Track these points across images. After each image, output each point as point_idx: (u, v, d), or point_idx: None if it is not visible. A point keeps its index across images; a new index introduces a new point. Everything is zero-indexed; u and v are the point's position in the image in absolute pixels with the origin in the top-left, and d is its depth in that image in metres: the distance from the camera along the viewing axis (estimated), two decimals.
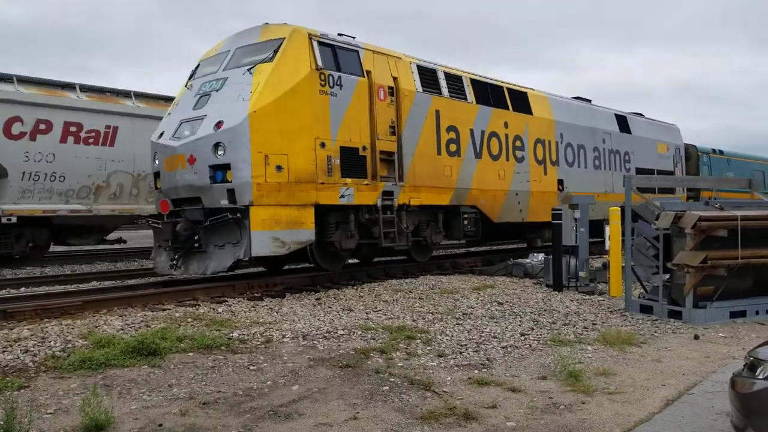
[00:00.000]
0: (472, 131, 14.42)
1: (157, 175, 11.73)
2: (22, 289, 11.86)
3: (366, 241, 12.54)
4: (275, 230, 10.46)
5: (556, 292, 11.54)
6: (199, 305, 9.69)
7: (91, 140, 16.61)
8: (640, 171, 19.99)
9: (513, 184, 15.47)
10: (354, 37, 12.53)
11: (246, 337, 7.52)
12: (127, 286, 11.81)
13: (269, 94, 10.59)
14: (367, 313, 9.31)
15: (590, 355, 7.19)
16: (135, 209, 17.86)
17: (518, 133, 15.76)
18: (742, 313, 9.33)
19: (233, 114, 10.42)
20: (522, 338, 7.92)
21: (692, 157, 24.24)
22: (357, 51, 12.29)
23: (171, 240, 11.07)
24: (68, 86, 16.85)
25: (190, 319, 8.49)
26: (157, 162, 11.62)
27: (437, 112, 13.53)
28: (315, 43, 11.42)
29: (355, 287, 11.86)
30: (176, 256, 11.06)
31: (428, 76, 13.71)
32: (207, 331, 7.76)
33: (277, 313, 9.24)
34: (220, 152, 10.43)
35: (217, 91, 11.12)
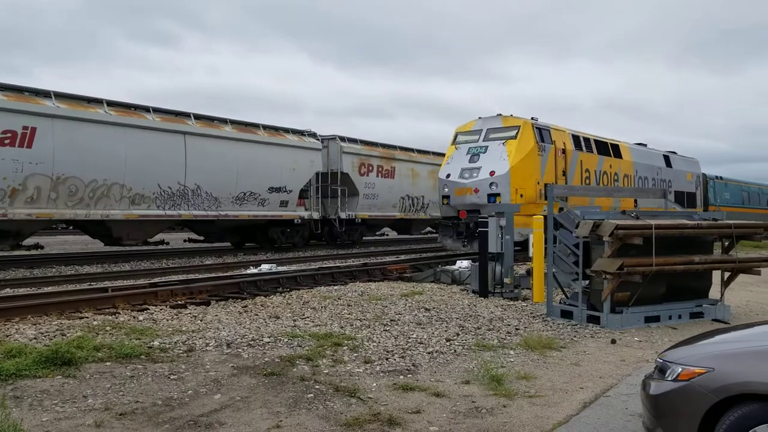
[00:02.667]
0: (595, 171, 22.80)
1: (445, 197, 20.05)
2: None
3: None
4: (519, 228, 15.44)
5: (482, 298, 11.76)
6: (119, 313, 9.40)
7: (6, 141, 15.83)
8: (677, 193, 27.96)
9: (613, 203, 22.10)
10: (537, 118, 20.61)
11: (167, 346, 7.33)
12: (43, 294, 11.32)
13: (517, 157, 19.15)
14: (294, 321, 9.24)
15: (512, 360, 7.35)
16: (54, 214, 17.11)
17: (616, 171, 24.05)
18: (656, 318, 9.74)
19: (500, 167, 19.03)
20: (447, 344, 8.02)
21: (703, 182, 31.95)
22: (549, 130, 20.72)
23: (464, 231, 18.91)
24: None
25: (108, 328, 8.22)
26: (446, 190, 20.01)
27: (581, 161, 22.00)
28: (535, 128, 20.00)
29: (283, 294, 11.75)
30: (465, 241, 18.81)
31: (576, 140, 22.09)
32: (126, 339, 7.53)
33: (201, 321, 9.05)
34: (493, 187, 18.86)
35: (483, 153, 19.74)
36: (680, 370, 4.18)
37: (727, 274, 10.59)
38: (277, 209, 23.45)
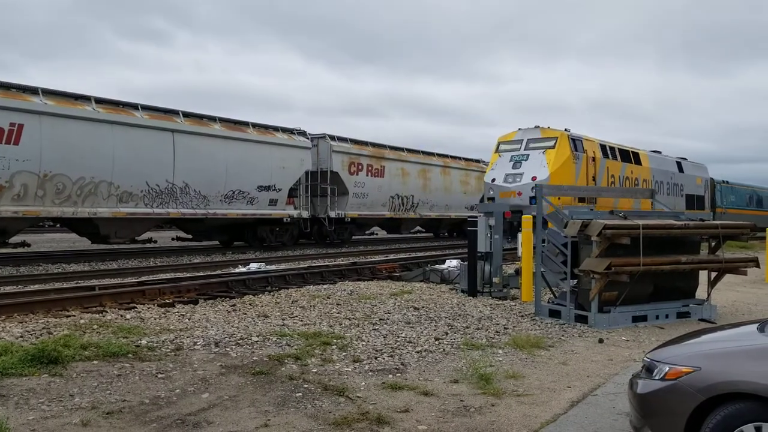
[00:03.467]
0: (619, 177, 25.68)
1: (490, 198, 22.10)
2: None
3: None
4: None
5: (471, 298, 11.78)
6: (107, 312, 9.35)
7: None
8: (688, 196, 31.49)
9: (634, 204, 24.55)
10: (569, 129, 23.29)
11: (155, 345, 7.30)
12: (29, 292, 11.24)
13: (555, 164, 21.87)
14: (283, 320, 9.22)
15: (501, 359, 7.37)
16: (41, 211, 16.99)
17: (636, 176, 27.02)
18: (644, 318, 9.79)
19: (541, 173, 21.58)
20: (436, 343, 8.03)
21: (711, 186, 35.15)
22: (581, 140, 23.51)
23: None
24: None
25: (96, 326, 8.17)
26: (492, 192, 22.38)
27: (607, 168, 24.82)
28: (570, 139, 22.73)
29: (271, 293, 11.73)
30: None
31: (603, 149, 24.89)
32: (114, 338, 7.49)
33: (188, 320, 9.02)
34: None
35: (525, 161, 22.48)
36: (667, 369, 4.20)
37: (713, 274, 10.65)
38: (266, 208, 23.39)
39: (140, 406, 5.34)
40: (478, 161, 36.39)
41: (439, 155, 33.40)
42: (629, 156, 26.97)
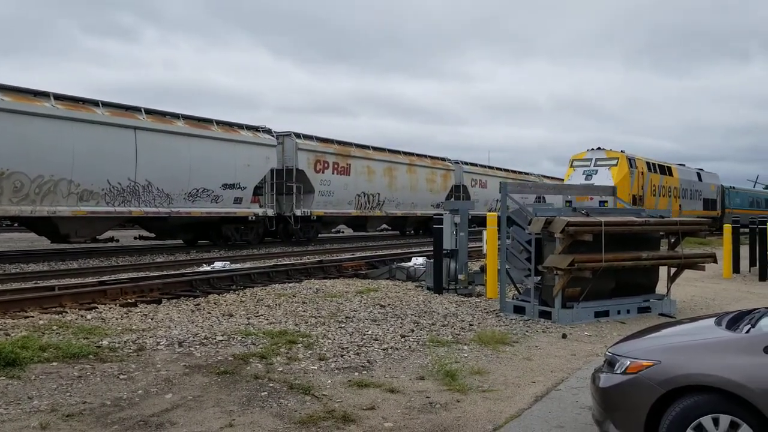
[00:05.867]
0: (658, 186, 33.47)
1: (568, 202, 23.40)
2: None
3: None
4: None
5: (437, 295, 11.83)
6: (67, 312, 9.16)
7: None
8: (705, 200, 40.40)
9: (667, 207, 29.97)
10: (624, 151, 32.00)
11: (117, 345, 7.18)
12: None
13: (618, 177, 29.75)
14: (248, 319, 9.14)
15: (466, 355, 7.41)
16: None
17: (669, 185, 35.14)
18: (606, 313, 9.95)
19: (607, 184, 24.90)
20: (402, 340, 8.05)
21: (721, 191, 43.96)
22: (634, 159, 31.47)
23: None
24: None
25: (55, 327, 8.00)
26: (569, 197, 24.75)
27: (650, 179, 32.62)
28: (627, 158, 31.05)
29: (236, 292, 11.62)
30: None
31: (648, 165, 32.63)
32: (74, 339, 7.34)
33: (151, 319, 8.89)
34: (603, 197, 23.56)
35: (594, 174, 30.46)
36: (628, 363, 4.28)
37: (673, 270, 10.88)
38: (231, 206, 23.17)
39: (101, 408, 5.24)
40: (444, 159, 36.58)
41: (405, 153, 33.48)
42: (665, 170, 35.13)
